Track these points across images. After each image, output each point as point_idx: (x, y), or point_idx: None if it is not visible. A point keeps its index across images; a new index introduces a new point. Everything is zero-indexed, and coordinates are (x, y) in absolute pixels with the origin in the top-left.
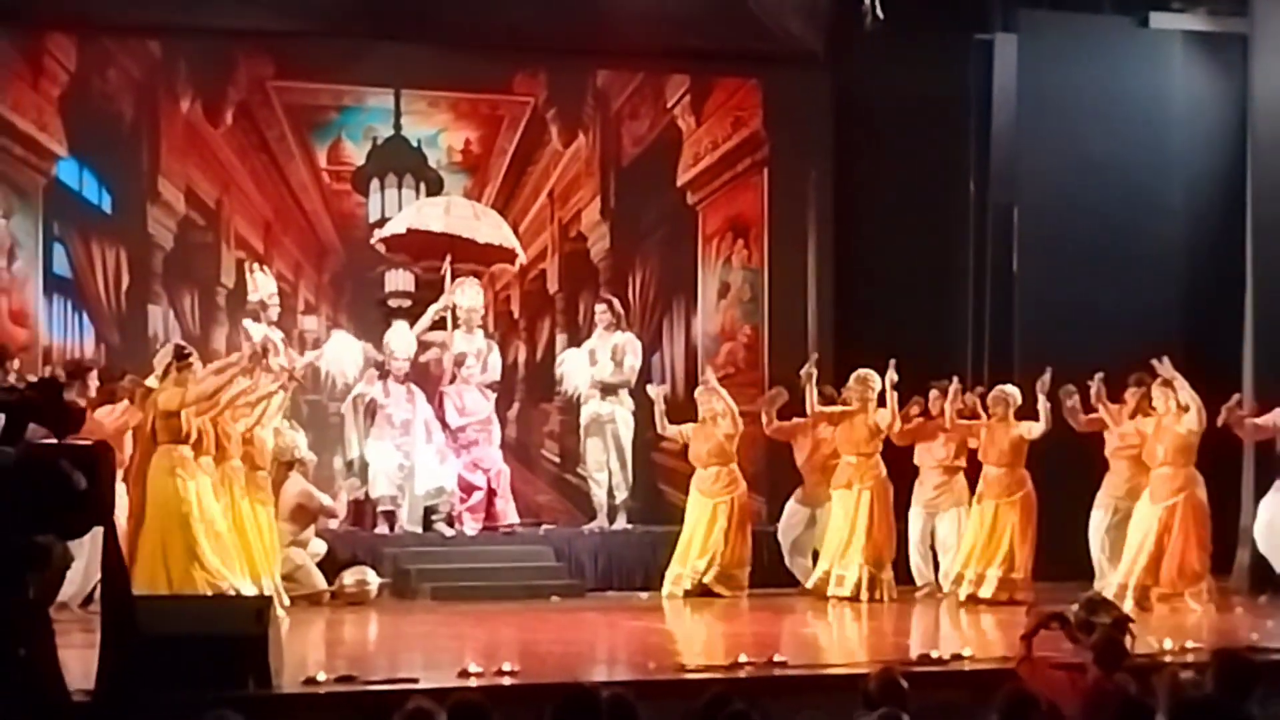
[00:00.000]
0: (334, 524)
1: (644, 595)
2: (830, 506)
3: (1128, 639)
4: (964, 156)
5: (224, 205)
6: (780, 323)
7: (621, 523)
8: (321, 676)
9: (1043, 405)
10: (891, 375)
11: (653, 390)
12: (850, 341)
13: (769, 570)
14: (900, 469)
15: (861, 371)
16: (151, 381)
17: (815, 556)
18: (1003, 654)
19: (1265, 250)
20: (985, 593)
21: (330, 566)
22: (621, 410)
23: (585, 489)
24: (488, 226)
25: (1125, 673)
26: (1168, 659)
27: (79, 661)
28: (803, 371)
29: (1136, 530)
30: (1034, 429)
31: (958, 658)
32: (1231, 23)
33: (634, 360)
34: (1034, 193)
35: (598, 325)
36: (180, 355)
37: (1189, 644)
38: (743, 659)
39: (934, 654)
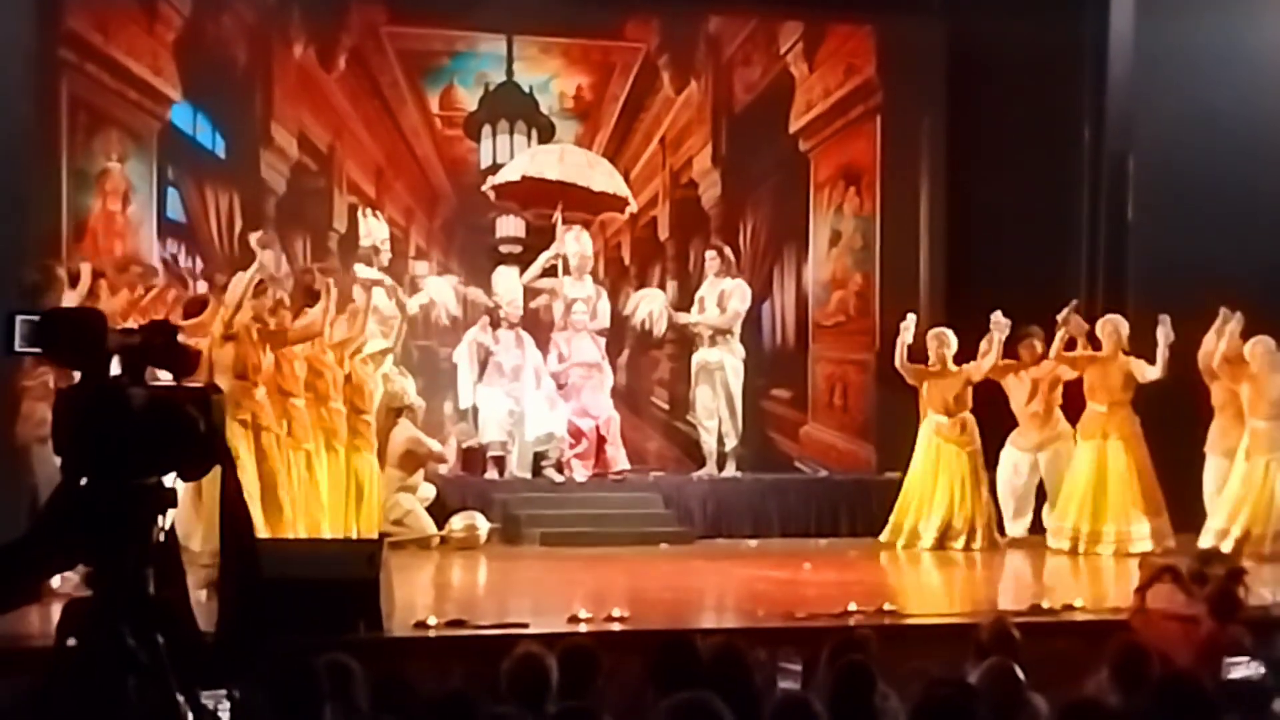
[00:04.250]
0: (444, 469)
1: (752, 543)
2: (1053, 454)
3: (1242, 590)
4: (1079, 104)
5: (336, 150)
6: (891, 271)
7: (731, 470)
8: (432, 620)
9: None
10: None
11: (906, 323)
12: (962, 290)
13: (877, 518)
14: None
15: (1112, 317)
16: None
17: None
18: (1115, 605)
19: None
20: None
21: (440, 512)
22: (731, 358)
23: (695, 436)
24: (601, 174)
25: (1240, 624)
26: None
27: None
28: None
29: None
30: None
31: (1069, 608)
32: None
33: (739, 305)
34: (1150, 141)
35: (708, 272)
36: (256, 282)
37: None
38: (852, 607)
39: (1045, 604)
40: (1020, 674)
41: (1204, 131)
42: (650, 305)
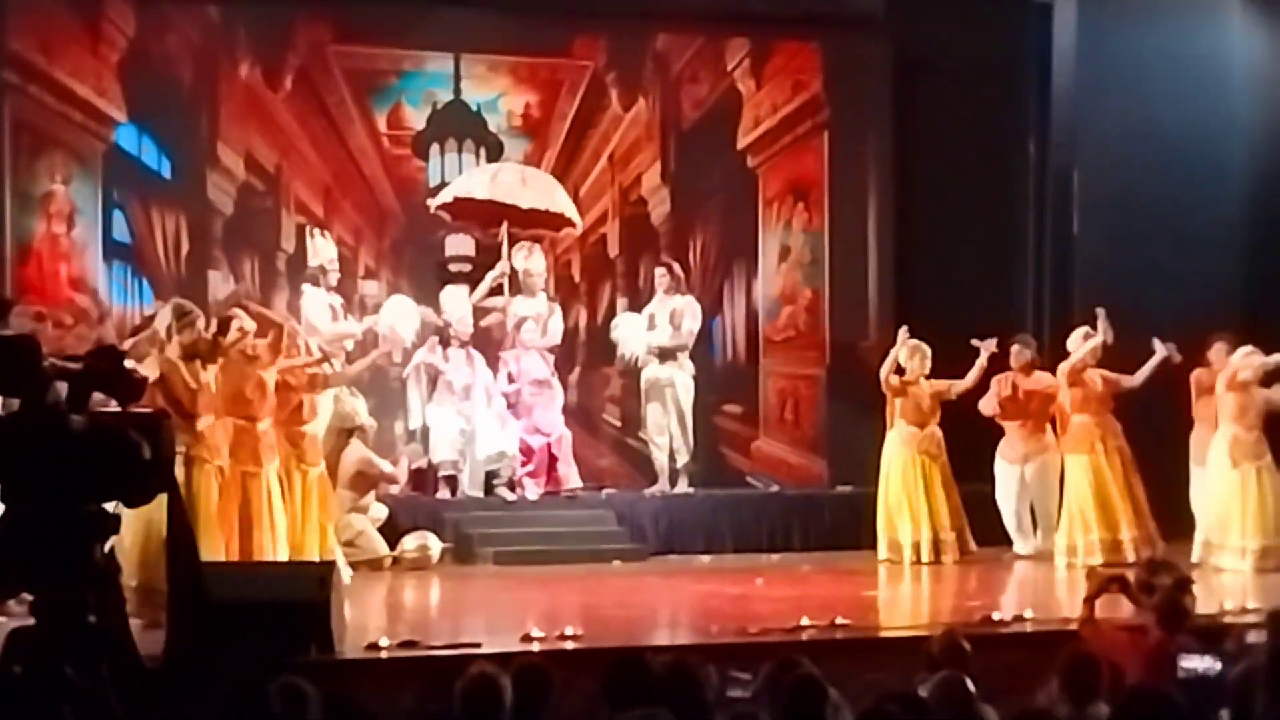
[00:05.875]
0: (395, 489)
1: (705, 559)
2: (1039, 465)
3: (1189, 600)
4: (1024, 118)
5: (284, 170)
6: (841, 286)
7: (683, 486)
8: (384, 642)
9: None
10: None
11: (903, 334)
12: (910, 304)
13: (830, 533)
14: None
15: (1086, 330)
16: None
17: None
18: (1064, 615)
19: None
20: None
21: (391, 532)
22: (681, 374)
23: (647, 453)
24: (534, 192)
25: (1187, 634)
26: (1228, 620)
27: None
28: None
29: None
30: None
31: (1019, 619)
32: None
33: (692, 324)
34: (1094, 155)
35: (658, 289)
36: (180, 314)
37: (1250, 604)
38: (805, 622)
39: (996, 615)
40: (971, 686)
41: (1147, 144)
42: (634, 344)
